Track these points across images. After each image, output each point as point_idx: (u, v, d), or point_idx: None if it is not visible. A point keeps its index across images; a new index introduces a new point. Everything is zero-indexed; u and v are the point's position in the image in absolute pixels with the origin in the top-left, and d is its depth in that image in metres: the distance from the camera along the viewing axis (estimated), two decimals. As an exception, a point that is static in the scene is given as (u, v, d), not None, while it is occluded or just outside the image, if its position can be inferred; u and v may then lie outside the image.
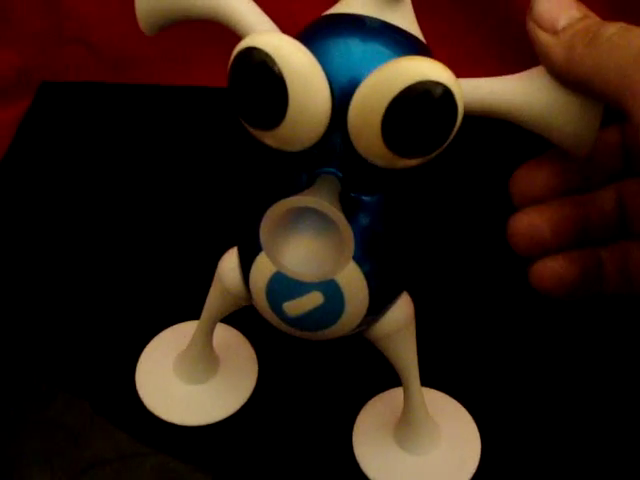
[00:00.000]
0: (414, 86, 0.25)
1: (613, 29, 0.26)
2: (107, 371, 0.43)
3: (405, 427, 0.39)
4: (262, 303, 0.33)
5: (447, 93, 0.25)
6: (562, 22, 0.27)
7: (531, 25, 0.28)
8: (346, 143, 0.28)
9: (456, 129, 0.27)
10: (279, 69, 0.26)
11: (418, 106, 0.25)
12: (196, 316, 0.40)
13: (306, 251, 0.28)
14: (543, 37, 0.28)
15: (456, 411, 0.41)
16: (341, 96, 0.27)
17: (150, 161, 0.58)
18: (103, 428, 0.40)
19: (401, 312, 0.36)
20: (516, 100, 0.29)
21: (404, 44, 0.29)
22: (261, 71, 0.26)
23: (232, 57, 0.27)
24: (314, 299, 0.32)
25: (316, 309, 0.32)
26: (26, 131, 0.60)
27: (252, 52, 0.26)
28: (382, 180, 0.31)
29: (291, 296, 0.32)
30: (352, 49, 0.28)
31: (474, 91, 0.29)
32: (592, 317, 0.47)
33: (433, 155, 0.27)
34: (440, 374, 0.42)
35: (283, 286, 0.32)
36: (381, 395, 0.42)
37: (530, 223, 0.31)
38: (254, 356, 0.44)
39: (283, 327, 0.34)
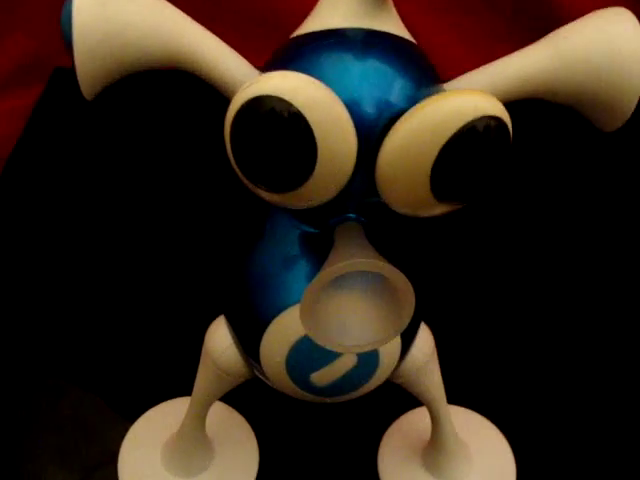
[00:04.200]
0: (470, 125, 0.21)
1: None
2: (118, 367, 0.41)
3: (435, 454, 0.36)
4: (280, 378, 0.29)
5: (502, 125, 0.22)
6: None
7: None
8: (369, 184, 0.24)
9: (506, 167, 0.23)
10: (302, 115, 0.21)
11: (476, 146, 0.22)
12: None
13: (351, 319, 0.24)
14: None
15: (486, 430, 0.39)
16: (362, 132, 0.23)
17: (162, 146, 0.56)
18: (115, 423, 0.38)
19: (423, 345, 0.32)
20: (550, 71, 0.25)
21: (403, 53, 0.25)
22: (280, 122, 0.21)
23: (234, 111, 0.22)
24: (347, 362, 0.28)
25: (349, 372, 0.28)
26: (39, 116, 0.59)
27: (263, 101, 0.21)
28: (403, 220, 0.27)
29: (319, 365, 0.28)
30: (352, 72, 0.24)
31: (507, 75, 0.25)
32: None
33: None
34: (465, 390, 0.39)
35: (309, 355, 0.27)
36: (400, 419, 0.39)
37: None
38: (252, 434, 0.38)
39: (305, 397, 0.30)
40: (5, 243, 0.48)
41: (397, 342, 0.28)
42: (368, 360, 0.28)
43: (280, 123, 0.21)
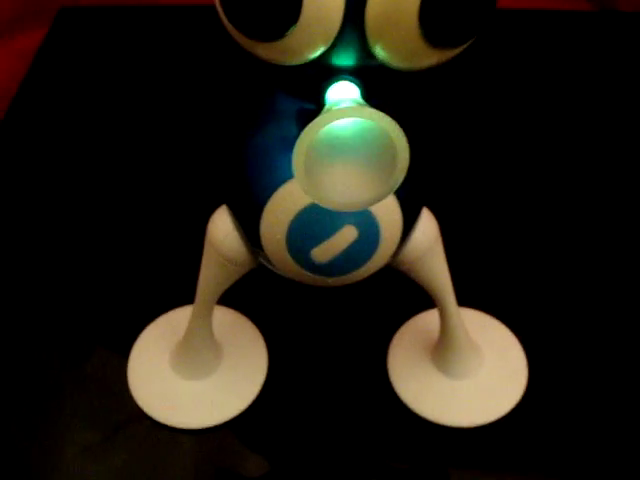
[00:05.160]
0: None
1: None
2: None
3: (444, 350, 0.36)
4: (281, 257, 0.28)
5: None
6: None
7: None
8: (360, 43, 0.23)
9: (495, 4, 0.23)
10: None
11: None
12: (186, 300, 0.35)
13: (346, 177, 0.23)
14: None
15: (497, 330, 0.38)
16: None
17: (169, 85, 0.56)
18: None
19: (427, 230, 0.32)
20: None
21: None
22: None
23: None
24: (347, 235, 0.27)
25: (350, 247, 0.28)
26: (45, 56, 0.58)
27: None
28: (399, 82, 0.27)
29: (320, 239, 0.27)
30: None
31: None
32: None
33: (467, 44, 0.23)
34: (475, 292, 0.39)
35: (309, 229, 0.27)
36: (412, 320, 0.38)
37: None
38: (261, 338, 0.38)
39: (308, 278, 0.29)
40: (10, 188, 0.48)
41: (398, 217, 0.28)
42: (369, 234, 0.28)
43: None
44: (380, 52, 0.23)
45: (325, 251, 0.28)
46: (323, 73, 0.24)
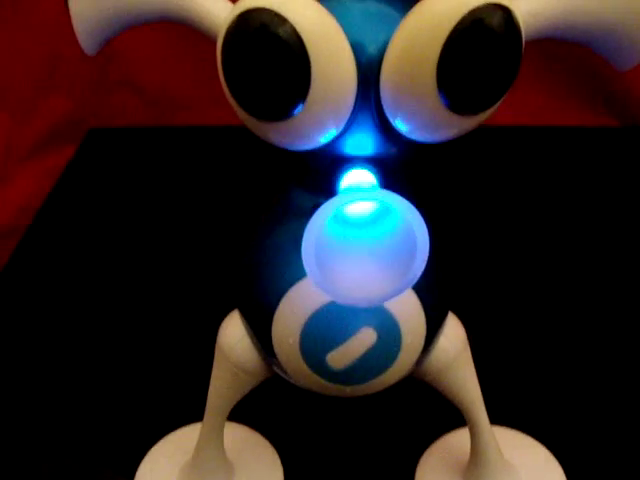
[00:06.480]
0: (471, 16, 0.19)
1: None
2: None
3: (476, 471, 0.32)
4: (295, 364, 0.26)
5: (508, 15, 0.20)
6: None
7: None
8: (376, 121, 0.22)
9: (519, 66, 0.21)
10: (296, 32, 0.20)
11: (481, 39, 0.19)
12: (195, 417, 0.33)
13: (362, 269, 0.22)
14: None
15: (534, 450, 0.35)
16: (361, 59, 0.21)
17: (196, 204, 0.56)
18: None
19: (454, 337, 0.30)
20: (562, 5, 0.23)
21: None
22: (271, 38, 0.20)
23: (228, 26, 0.20)
24: (365, 339, 0.25)
25: (369, 351, 0.25)
26: (71, 175, 0.60)
27: (254, 15, 0.20)
28: (417, 171, 0.25)
29: (336, 342, 0.25)
30: (352, 12, 0.22)
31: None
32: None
33: (490, 111, 0.22)
34: (509, 408, 0.36)
35: (324, 332, 0.25)
36: (441, 439, 0.36)
37: None
38: (276, 456, 0.35)
39: (325, 388, 0.27)
40: (32, 299, 0.48)
41: (421, 320, 0.26)
42: (389, 338, 0.25)
43: (271, 39, 0.20)
44: (400, 125, 0.22)
45: (342, 356, 0.25)
46: (337, 163, 0.23)
